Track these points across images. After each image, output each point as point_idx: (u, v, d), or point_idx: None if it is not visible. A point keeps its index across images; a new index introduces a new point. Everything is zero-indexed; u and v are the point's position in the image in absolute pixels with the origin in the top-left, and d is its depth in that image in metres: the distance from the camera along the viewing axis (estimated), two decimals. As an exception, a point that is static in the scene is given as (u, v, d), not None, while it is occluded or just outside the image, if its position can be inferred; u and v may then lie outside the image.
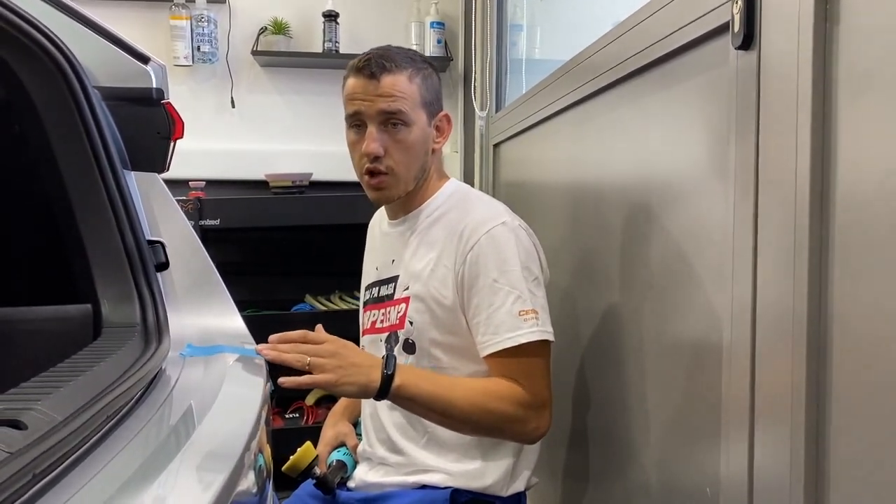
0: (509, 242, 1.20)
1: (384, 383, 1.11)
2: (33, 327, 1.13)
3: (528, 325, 1.17)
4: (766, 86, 0.76)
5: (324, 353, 1.09)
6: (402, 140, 1.24)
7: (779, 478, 0.73)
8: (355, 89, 1.24)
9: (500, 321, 1.17)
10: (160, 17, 2.80)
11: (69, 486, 0.56)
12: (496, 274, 1.19)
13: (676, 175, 1.04)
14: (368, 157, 1.24)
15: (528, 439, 1.24)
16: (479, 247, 1.20)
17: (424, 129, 1.27)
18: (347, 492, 1.34)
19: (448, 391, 1.17)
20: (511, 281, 1.18)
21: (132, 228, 1.13)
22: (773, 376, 0.74)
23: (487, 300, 1.19)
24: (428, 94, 1.27)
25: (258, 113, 2.93)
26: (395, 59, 1.24)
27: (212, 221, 2.34)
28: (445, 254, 1.24)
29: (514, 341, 1.17)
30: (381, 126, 1.23)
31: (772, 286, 0.75)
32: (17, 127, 1.15)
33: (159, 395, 0.86)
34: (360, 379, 1.10)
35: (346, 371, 1.09)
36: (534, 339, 1.17)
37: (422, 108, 1.26)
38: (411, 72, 1.24)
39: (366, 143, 1.23)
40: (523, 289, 1.18)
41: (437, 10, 2.94)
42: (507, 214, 1.26)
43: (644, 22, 1.08)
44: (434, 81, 1.30)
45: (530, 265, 1.22)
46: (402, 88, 1.23)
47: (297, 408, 2.61)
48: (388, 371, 1.12)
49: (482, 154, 2.62)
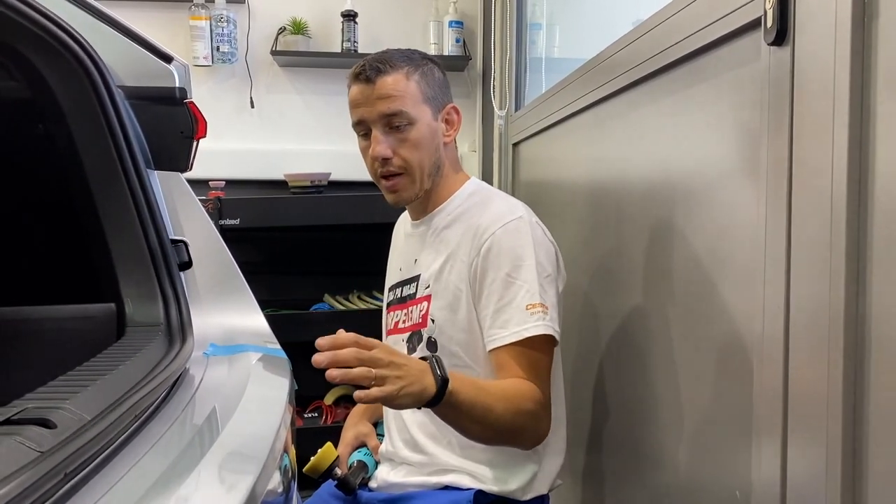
0: (525, 236, 1.20)
1: (440, 389, 1.02)
2: (58, 326, 1.13)
3: (535, 318, 1.15)
4: (801, 82, 0.74)
5: (381, 364, 0.98)
6: (408, 139, 1.24)
7: (813, 483, 0.71)
8: (356, 96, 1.25)
9: (509, 316, 1.16)
10: (180, 17, 2.81)
11: (99, 485, 0.56)
12: (509, 267, 1.18)
13: (703, 174, 1.03)
14: (378, 161, 1.24)
15: (538, 440, 1.20)
16: (493, 238, 1.19)
17: (430, 124, 1.26)
18: (369, 492, 1.34)
19: (486, 394, 1.10)
20: (523, 275, 1.17)
21: (155, 227, 1.13)
22: (808, 378, 0.73)
23: (498, 293, 1.17)
24: (429, 90, 1.26)
25: (277, 113, 2.94)
26: (390, 60, 1.23)
27: (232, 221, 2.34)
28: (462, 249, 1.24)
29: (520, 335, 1.15)
30: (386, 128, 1.23)
31: (806, 286, 0.73)
32: (42, 126, 1.15)
33: (184, 395, 0.85)
34: (416, 388, 1.00)
35: (403, 381, 0.98)
36: (539, 332, 1.15)
37: (424, 103, 1.25)
38: (408, 69, 1.24)
39: (372, 148, 1.23)
40: (534, 283, 1.17)
41: (455, 9, 2.93)
42: (524, 211, 1.25)
43: (670, 19, 1.07)
44: (436, 76, 1.29)
45: (544, 261, 1.20)
46: (400, 87, 1.22)
47: (316, 407, 2.61)
48: (442, 375, 1.03)
49: (501, 153, 2.61)
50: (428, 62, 1.29)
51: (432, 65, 1.29)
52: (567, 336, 1.63)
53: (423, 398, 1.01)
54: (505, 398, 1.12)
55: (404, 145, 1.24)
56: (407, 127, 1.23)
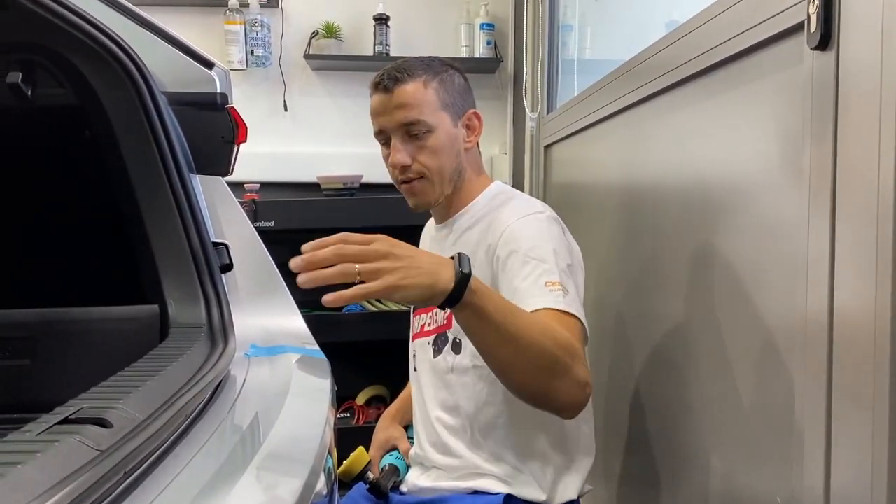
0: (542, 226, 1.20)
1: (459, 283, 0.92)
2: (103, 327, 1.16)
3: (554, 295, 1.09)
4: (846, 87, 0.74)
5: (372, 256, 0.88)
6: (426, 147, 1.25)
7: (858, 490, 0.71)
8: (375, 106, 1.27)
9: (523, 289, 1.11)
10: (215, 21, 2.85)
11: (155, 484, 0.58)
12: (526, 248, 1.15)
13: (743, 179, 1.02)
14: (398, 169, 1.26)
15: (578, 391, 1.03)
16: (510, 228, 1.20)
17: (450, 131, 1.27)
18: (400, 495, 1.35)
19: (520, 313, 1.00)
20: (540, 255, 1.14)
21: (198, 230, 1.15)
22: (853, 384, 0.72)
23: (513, 272, 1.14)
24: (448, 96, 1.27)
25: (310, 116, 2.97)
26: (408, 69, 1.25)
27: (266, 223, 2.37)
28: (482, 247, 1.24)
29: (534, 305, 1.07)
30: (405, 136, 1.25)
31: (851, 291, 0.73)
32: (89, 132, 1.18)
33: (229, 396, 0.87)
34: (425, 280, 0.90)
35: (406, 272, 0.89)
36: (558, 307, 1.08)
37: (442, 110, 1.26)
38: (426, 77, 1.25)
39: (391, 156, 1.26)
40: (552, 263, 1.13)
41: (486, 11, 2.94)
42: (544, 208, 1.26)
43: (710, 22, 1.06)
44: (456, 82, 1.30)
45: (561, 251, 1.18)
46: (418, 96, 1.24)
47: (348, 407, 2.63)
48: (462, 270, 0.92)
49: (532, 155, 2.61)
50: (448, 69, 1.30)
51: (453, 71, 1.30)
52: (602, 341, 1.63)
53: (434, 292, 0.91)
54: (541, 323, 1.02)
55: (423, 152, 1.25)
56: (426, 134, 1.24)
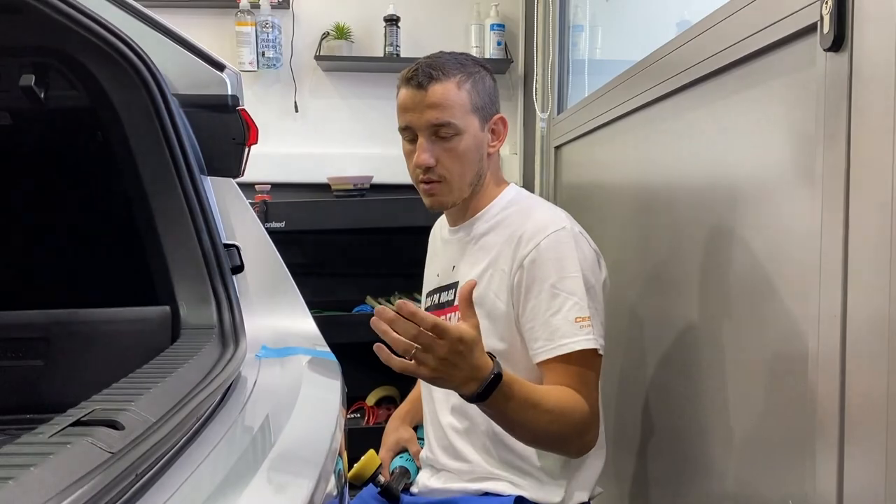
0: (569, 247, 1.19)
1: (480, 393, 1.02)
2: (115, 329, 1.17)
3: (585, 332, 1.15)
4: (859, 89, 0.73)
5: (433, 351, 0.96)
6: (452, 149, 1.23)
7: (871, 495, 0.70)
8: (405, 101, 1.24)
9: (556, 326, 1.15)
10: (226, 23, 2.86)
11: (167, 486, 0.58)
12: (555, 278, 1.17)
13: (755, 181, 1.02)
14: (421, 168, 1.24)
15: (583, 451, 1.20)
16: (537, 251, 1.18)
17: (477, 135, 1.26)
18: (411, 496, 1.35)
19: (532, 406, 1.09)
20: (570, 287, 1.16)
21: (209, 232, 1.15)
22: (866, 388, 0.72)
23: (545, 304, 1.16)
24: (479, 99, 1.25)
25: (321, 117, 2.98)
26: (443, 66, 1.23)
27: (277, 224, 2.38)
28: (502, 259, 1.23)
29: (571, 347, 1.14)
30: (433, 137, 1.23)
31: (864, 294, 0.72)
32: (101, 134, 1.19)
33: (240, 398, 0.87)
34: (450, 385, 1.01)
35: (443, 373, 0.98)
36: (589, 346, 1.14)
37: (473, 113, 1.24)
38: (460, 78, 1.23)
39: (416, 155, 1.23)
40: (582, 295, 1.16)
41: (497, 11, 2.94)
42: (567, 220, 1.24)
43: (722, 23, 1.06)
44: (487, 84, 1.28)
45: (588, 273, 1.19)
46: (451, 97, 1.22)
47: (359, 408, 2.63)
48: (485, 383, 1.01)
49: (543, 156, 2.60)
50: (480, 69, 1.28)
51: (484, 72, 1.28)
52: (614, 342, 1.62)
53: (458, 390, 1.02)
54: (558, 410, 1.12)
55: (449, 155, 1.23)
56: (454, 137, 1.23)
